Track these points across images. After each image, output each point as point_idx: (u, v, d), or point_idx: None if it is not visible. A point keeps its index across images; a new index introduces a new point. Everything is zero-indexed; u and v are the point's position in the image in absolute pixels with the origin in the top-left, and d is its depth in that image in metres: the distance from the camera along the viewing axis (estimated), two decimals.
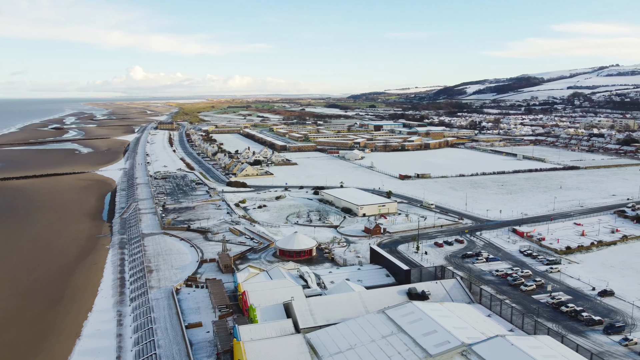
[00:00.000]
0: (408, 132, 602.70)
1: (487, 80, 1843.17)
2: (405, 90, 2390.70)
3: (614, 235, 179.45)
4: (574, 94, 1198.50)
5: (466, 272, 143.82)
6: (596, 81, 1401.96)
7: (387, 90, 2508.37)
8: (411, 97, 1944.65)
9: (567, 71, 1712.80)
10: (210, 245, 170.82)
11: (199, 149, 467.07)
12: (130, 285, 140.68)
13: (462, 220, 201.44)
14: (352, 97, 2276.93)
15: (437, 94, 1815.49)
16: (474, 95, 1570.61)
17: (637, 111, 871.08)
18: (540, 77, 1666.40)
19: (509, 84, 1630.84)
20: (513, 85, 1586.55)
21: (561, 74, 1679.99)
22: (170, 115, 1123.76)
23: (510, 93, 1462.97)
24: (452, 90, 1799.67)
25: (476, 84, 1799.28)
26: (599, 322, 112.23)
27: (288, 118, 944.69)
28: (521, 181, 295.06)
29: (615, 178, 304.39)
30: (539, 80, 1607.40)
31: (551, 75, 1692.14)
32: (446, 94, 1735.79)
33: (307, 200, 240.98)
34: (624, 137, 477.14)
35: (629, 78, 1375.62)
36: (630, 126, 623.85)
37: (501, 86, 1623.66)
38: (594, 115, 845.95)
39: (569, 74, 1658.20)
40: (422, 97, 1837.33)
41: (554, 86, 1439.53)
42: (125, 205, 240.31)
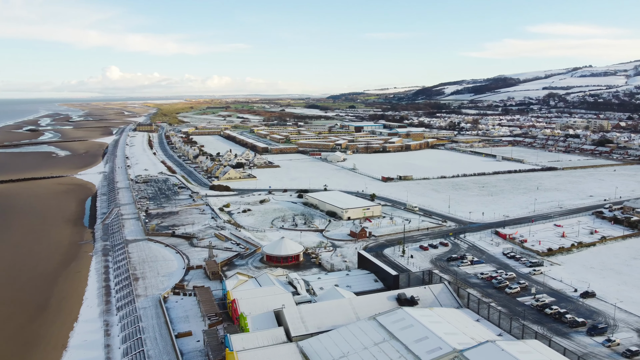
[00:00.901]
0: (389, 133, 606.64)
1: (465, 81, 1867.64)
2: (384, 91, 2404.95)
3: (593, 237, 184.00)
4: (549, 94, 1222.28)
5: (452, 276, 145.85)
6: (570, 82, 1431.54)
7: (366, 90, 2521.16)
8: (390, 97, 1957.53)
9: (542, 72, 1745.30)
10: (196, 251, 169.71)
11: (179, 152, 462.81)
12: (116, 294, 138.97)
13: (445, 223, 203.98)
14: (332, 98, 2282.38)
15: (415, 95, 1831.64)
16: (452, 96, 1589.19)
17: (610, 112, 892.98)
18: (516, 78, 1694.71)
19: (486, 85, 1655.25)
20: (490, 86, 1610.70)
21: (536, 74, 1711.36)
22: (148, 117, 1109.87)
23: (488, 93, 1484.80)
24: (430, 91, 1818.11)
25: (454, 85, 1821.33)
26: (582, 324, 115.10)
27: (268, 119, 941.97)
28: (501, 182, 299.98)
29: (591, 179, 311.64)
30: (515, 81, 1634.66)
31: (527, 76, 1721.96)
32: (425, 95, 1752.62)
33: (292, 203, 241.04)
34: (598, 138, 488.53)
35: (602, 79, 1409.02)
36: (604, 127, 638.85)
37: (478, 87, 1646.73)
38: (569, 115, 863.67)
39: (544, 74, 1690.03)
40: (401, 97, 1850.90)
41: (530, 87, 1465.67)
42: (107, 210, 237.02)
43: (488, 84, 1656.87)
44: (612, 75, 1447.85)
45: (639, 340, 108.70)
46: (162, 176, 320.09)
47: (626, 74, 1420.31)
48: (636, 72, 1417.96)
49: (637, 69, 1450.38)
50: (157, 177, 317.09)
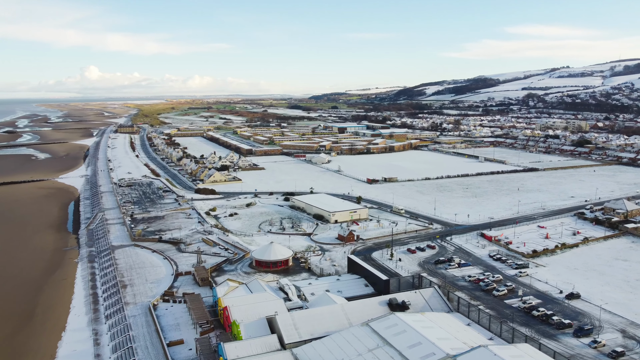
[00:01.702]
0: (372, 134, 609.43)
1: (446, 81, 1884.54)
2: (366, 91, 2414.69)
3: (575, 238, 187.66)
4: (528, 94, 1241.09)
5: (440, 279, 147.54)
6: (548, 82, 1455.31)
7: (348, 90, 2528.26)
8: (372, 97, 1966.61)
9: (521, 72, 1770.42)
10: (184, 256, 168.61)
11: (162, 154, 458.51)
12: (105, 302, 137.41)
13: (432, 225, 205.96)
14: (314, 98, 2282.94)
15: (397, 95, 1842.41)
16: (433, 96, 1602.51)
17: (587, 112, 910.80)
18: (496, 79, 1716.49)
19: (467, 85, 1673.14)
20: (470, 86, 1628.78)
21: (516, 75, 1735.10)
22: (129, 118, 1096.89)
23: (468, 94, 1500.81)
24: (412, 91, 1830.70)
25: (435, 85, 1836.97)
26: (568, 326, 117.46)
27: (251, 120, 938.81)
28: (485, 184, 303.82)
29: (572, 179, 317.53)
30: (495, 82, 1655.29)
31: (506, 76, 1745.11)
32: (406, 95, 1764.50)
33: (278, 207, 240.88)
34: (577, 139, 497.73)
35: (579, 79, 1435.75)
36: (583, 127, 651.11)
37: (459, 87, 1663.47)
38: (548, 115, 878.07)
39: (523, 75, 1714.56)
40: (382, 97, 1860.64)
41: (509, 87, 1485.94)
42: (91, 215, 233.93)
43: (468, 85, 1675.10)
44: (588, 76, 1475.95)
45: (623, 341, 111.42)
46: (146, 179, 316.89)
47: (602, 75, 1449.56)
48: (612, 73, 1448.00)
49: (613, 70, 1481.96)
50: (141, 180, 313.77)
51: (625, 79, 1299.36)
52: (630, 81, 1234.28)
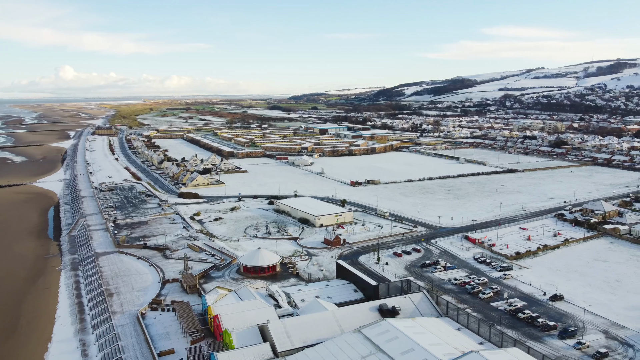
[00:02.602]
0: (353, 135, 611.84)
1: (424, 82, 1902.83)
2: (346, 91, 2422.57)
3: (556, 239, 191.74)
4: (505, 95, 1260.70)
5: (427, 282, 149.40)
6: (525, 83, 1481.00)
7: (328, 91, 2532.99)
8: (352, 98, 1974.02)
9: (498, 73, 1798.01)
10: (170, 263, 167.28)
11: (142, 157, 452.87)
12: (91, 311, 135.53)
13: (416, 228, 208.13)
14: (293, 98, 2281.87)
15: (376, 95, 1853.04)
16: (412, 97, 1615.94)
17: (563, 112, 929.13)
18: (473, 79, 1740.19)
19: (445, 86, 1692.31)
20: (448, 87, 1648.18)
21: (492, 76, 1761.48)
22: (106, 119, 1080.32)
23: (446, 94, 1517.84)
24: (391, 92, 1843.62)
25: (414, 86, 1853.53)
26: (553, 327, 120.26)
27: (231, 121, 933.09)
28: (466, 185, 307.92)
29: (550, 180, 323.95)
30: (473, 82, 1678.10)
31: (483, 77, 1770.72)
32: (385, 95, 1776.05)
33: (263, 210, 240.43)
34: (554, 140, 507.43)
35: (554, 80, 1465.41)
36: (559, 128, 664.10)
37: (437, 88, 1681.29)
38: (525, 116, 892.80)
39: (499, 76, 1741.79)
40: (362, 98, 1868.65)
41: (487, 88, 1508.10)
42: (72, 221, 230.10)
43: (447, 85, 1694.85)
44: (563, 77, 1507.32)
45: (606, 342, 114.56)
46: (128, 183, 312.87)
47: (576, 76, 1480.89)
48: (585, 74, 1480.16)
49: (586, 71, 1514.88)
50: (122, 184, 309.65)
51: (598, 79, 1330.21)
52: (603, 82, 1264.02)
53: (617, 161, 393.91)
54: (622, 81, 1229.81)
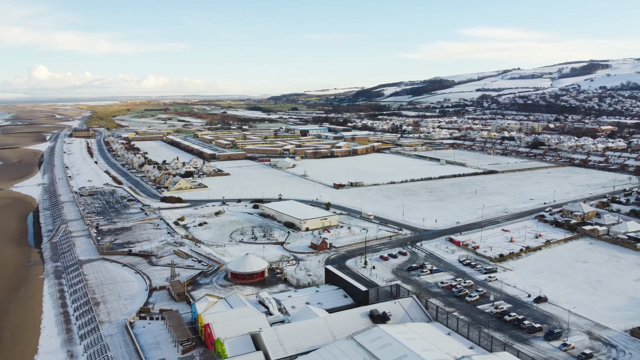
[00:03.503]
0: (334, 137, 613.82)
1: (403, 83, 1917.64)
2: (325, 92, 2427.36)
3: (538, 241, 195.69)
4: (483, 96, 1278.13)
5: (414, 286, 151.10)
6: (501, 84, 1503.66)
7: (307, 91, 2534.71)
8: (331, 98, 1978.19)
9: (475, 74, 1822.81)
10: (156, 270, 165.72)
11: (122, 160, 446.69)
12: (77, 321, 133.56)
13: (401, 231, 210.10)
14: (273, 99, 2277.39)
15: (356, 96, 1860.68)
16: (391, 97, 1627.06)
17: (539, 113, 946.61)
18: (451, 80, 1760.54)
19: (423, 87, 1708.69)
20: (427, 88, 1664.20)
21: (470, 76, 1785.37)
22: (83, 120, 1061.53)
23: (425, 95, 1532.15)
24: (370, 92, 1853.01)
25: (392, 86, 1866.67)
26: (539, 330, 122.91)
27: (211, 122, 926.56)
28: (448, 187, 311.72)
29: (529, 181, 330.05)
30: (451, 83, 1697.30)
31: (461, 78, 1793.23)
32: (365, 96, 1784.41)
33: (248, 215, 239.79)
34: (532, 141, 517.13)
35: (530, 81, 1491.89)
36: (535, 128, 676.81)
37: (416, 88, 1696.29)
38: (502, 117, 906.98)
39: (477, 77, 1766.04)
40: (341, 98, 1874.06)
41: (464, 88, 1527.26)
42: (53, 227, 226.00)
43: (425, 86, 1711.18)
44: (538, 77, 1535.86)
45: (590, 343, 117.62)
46: (109, 188, 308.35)
47: (551, 77, 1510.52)
48: (560, 75, 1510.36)
49: (561, 72, 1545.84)
50: (103, 189, 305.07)
51: (572, 80, 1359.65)
52: (576, 83, 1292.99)
53: (593, 162, 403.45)
54: (595, 82, 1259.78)
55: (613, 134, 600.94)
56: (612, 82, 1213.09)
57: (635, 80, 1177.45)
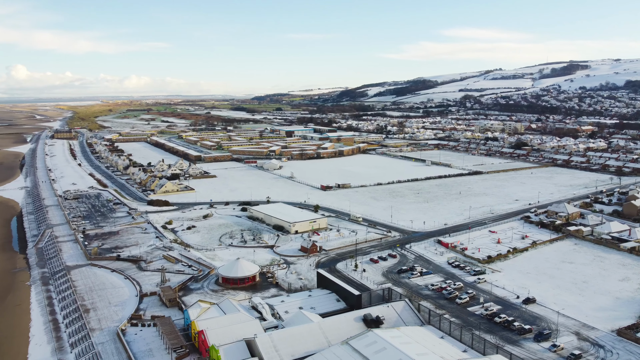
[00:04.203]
0: (320, 137, 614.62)
1: (387, 83, 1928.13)
2: (309, 92, 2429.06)
3: (525, 242, 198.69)
4: (465, 96, 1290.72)
5: (405, 288, 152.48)
6: (484, 84, 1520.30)
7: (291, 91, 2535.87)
8: (315, 98, 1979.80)
9: (458, 74, 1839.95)
10: (146, 275, 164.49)
11: (106, 162, 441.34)
12: (67, 329, 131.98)
13: (390, 233, 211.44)
14: (257, 99, 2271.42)
15: (340, 96, 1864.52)
16: (375, 98, 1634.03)
17: (520, 113, 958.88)
18: (434, 80, 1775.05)
19: (407, 87, 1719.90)
20: (410, 88, 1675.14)
21: (453, 77, 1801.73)
22: (64, 121, 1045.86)
23: (409, 95, 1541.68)
24: (354, 92, 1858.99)
25: (376, 87, 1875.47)
26: (529, 331, 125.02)
27: (195, 123, 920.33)
28: (434, 188, 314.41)
29: (514, 182, 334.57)
30: (434, 83, 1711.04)
31: (444, 78, 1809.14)
32: (349, 96, 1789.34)
33: (236, 217, 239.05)
34: (515, 141, 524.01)
35: (511, 81, 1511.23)
36: (518, 129, 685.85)
37: (400, 89, 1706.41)
38: (485, 117, 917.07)
39: (459, 77, 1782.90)
40: (325, 99, 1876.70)
41: (447, 89, 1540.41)
42: (38, 232, 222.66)
43: (409, 86, 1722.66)
44: (520, 78, 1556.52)
45: (579, 343, 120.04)
46: (94, 191, 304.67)
47: (532, 77, 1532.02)
48: (540, 75, 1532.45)
49: (541, 73, 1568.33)
50: (88, 192, 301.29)
51: (552, 81, 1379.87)
52: (557, 83, 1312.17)
53: (575, 162, 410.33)
54: (575, 82, 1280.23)
55: (594, 134, 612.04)
56: (591, 82, 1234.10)
57: (613, 80, 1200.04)
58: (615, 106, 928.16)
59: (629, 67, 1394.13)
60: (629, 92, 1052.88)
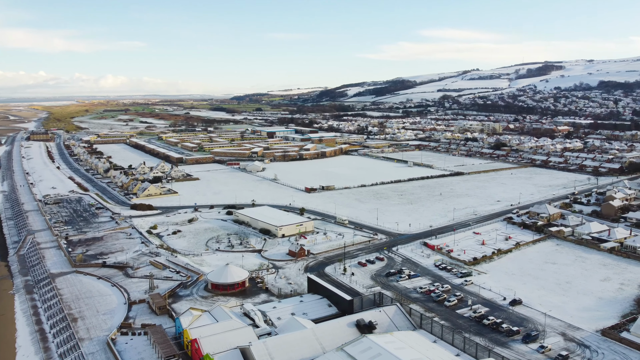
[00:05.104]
0: (302, 139, 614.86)
1: (366, 83, 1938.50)
2: (288, 92, 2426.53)
3: (508, 243, 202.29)
4: (444, 96, 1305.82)
5: (394, 292, 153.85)
6: (461, 84, 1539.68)
7: (270, 91, 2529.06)
8: (295, 98, 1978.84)
9: (436, 75, 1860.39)
10: (133, 282, 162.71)
11: (86, 164, 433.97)
12: (55, 339, 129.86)
13: (376, 236, 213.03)
14: (236, 99, 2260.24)
15: (320, 96, 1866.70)
16: (354, 98, 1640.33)
17: (498, 113, 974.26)
18: (413, 81, 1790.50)
19: (386, 87, 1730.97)
20: (390, 88, 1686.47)
21: (431, 77, 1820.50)
22: (39, 122, 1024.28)
23: (388, 95, 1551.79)
24: (334, 92, 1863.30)
25: (356, 87, 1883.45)
26: (517, 332, 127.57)
27: (175, 124, 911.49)
28: (417, 190, 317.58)
29: (495, 183, 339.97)
30: (413, 83, 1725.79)
31: (422, 78, 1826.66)
32: (328, 96, 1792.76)
33: (222, 221, 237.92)
34: (494, 142, 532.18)
35: (488, 82, 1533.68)
36: (496, 129, 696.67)
37: (379, 89, 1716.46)
38: (464, 117, 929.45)
39: (437, 77, 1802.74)
40: (305, 98, 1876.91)
41: (426, 89, 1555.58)
42: (19, 238, 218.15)
43: (388, 86, 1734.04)
44: (497, 78, 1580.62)
45: (565, 344, 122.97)
46: (75, 195, 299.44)
47: (509, 77, 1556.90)
48: (517, 76, 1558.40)
49: (518, 73, 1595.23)
50: (69, 196, 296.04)
51: (528, 81, 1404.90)
52: (533, 84, 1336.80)
53: (553, 162, 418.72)
54: (550, 83, 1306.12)
55: (570, 134, 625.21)
56: (566, 82, 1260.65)
57: (587, 81, 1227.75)
58: (590, 106, 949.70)
59: (602, 67, 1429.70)
60: (602, 93, 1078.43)
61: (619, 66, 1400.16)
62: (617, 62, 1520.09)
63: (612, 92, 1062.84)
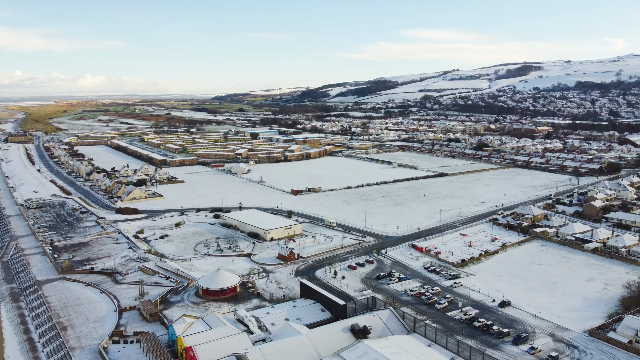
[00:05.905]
0: (285, 139, 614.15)
1: (348, 83, 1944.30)
2: (270, 92, 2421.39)
3: (495, 244, 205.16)
4: (425, 96, 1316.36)
5: (385, 295, 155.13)
6: (442, 85, 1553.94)
7: (252, 91, 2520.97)
8: (277, 98, 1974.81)
9: (417, 75, 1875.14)
10: (122, 289, 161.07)
11: (67, 167, 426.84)
12: (44, 348, 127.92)
13: (365, 238, 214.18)
14: (217, 99, 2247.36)
15: (302, 96, 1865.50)
16: (337, 98, 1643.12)
17: (479, 113, 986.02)
18: (394, 81, 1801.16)
19: (368, 87, 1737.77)
20: (372, 88, 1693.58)
21: (412, 77, 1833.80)
22: (17, 123, 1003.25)
23: (370, 96, 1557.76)
24: (316, 93, 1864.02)
25: (338, 87, 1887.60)
26: (507, 334, 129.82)
27: (156, 125, 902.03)
28: (403, 191, 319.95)
29: (479, 184, 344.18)
30: (394, 84, 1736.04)
31: (404, 78, 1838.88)
32: (311, 96, 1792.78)
33: (210, 225, 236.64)
34: (477, 142, 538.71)
35: (469, 82, 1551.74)
36: (478, 130, 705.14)
37: (361, 89, 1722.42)
38: (445, 117, 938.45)
39: (419, 77, 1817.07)
40: (287, 99, 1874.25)
41: (408, 89, 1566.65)
42: (2, 244, 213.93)
43: (370, 87, 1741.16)
44: (477, 79, 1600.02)
45: (554, 345, 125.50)
46: (57, 199, 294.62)
47: (488, 78, 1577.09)
48: (497, 76, 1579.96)
49: (497, 73, 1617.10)
50: (52, 200, 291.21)
51: (508, 82, 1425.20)
52: (512, 84, 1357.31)
53: (535, 163, 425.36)
54: (529, 83, 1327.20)
55: (549, 134, 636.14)
56: (544, 83, 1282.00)
57: (564, 81, 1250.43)
58: (568, 106, 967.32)
59: (579, 68, 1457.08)
60: (579, 93, 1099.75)
61: (595, 67, 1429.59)
62: (594, 62, 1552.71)
63: (589, 93, 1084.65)
